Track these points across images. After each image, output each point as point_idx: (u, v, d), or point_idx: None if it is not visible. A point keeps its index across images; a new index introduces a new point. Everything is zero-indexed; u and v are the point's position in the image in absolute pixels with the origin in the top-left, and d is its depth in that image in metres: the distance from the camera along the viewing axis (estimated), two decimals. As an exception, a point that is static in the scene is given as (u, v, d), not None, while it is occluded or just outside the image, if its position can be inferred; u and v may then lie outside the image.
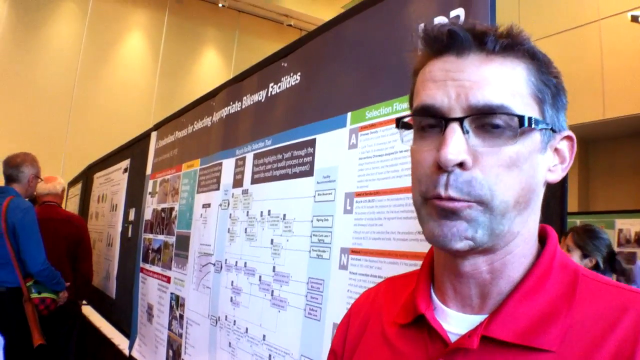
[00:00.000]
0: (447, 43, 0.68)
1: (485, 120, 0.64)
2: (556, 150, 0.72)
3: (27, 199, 3.58)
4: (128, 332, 3.45)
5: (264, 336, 1.77)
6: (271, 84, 1.98)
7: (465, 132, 0.64)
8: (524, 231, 0.69)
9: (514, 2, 7.51)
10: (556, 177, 0.72)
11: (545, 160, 0.69)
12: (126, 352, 3.34)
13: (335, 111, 1.57)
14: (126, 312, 3.56)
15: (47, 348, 3.30)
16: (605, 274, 2.77)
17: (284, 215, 1.76)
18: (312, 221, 1.60)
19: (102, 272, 4.50)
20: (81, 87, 9.29)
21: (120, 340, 3.60)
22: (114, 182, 4.48)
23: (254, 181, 2.00)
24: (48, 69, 9.01)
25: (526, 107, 0.66)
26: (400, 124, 0.74)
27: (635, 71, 6.32)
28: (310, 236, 1.60)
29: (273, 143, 1.90)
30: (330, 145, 1.57)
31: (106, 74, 9.68)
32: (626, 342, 0.60)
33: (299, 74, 1.82)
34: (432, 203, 0.66)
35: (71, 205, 6.88)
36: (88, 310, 4.68)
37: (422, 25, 0.72)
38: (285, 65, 1.91)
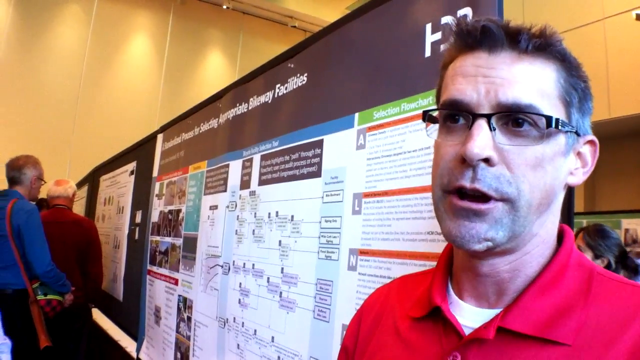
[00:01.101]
0: (480, 39, 0.68)
1: (513, 118, 0.65)
2: (579, 154, 0.72)
3: (31, 202, 3.59)
4: (135, 334, 3.46)
5: (273, 338, 1.77)
6: (278, 85, 1.98)
7: (492, 129, 0.64)
8: (542, 232, 0.69)
9: (518, 1, 7.50)
10: (577, 180, 0.72)
11: (567, 163, 0.70)
12: (134, 354, 3.35)
13: (342, 112, 1.57)
14: (133, 315, 3.56)
15: (53, 350, 3.31)
16: (617, 272, 2.76)
17: (292, 216, 1.76)
18: (320, 222, 1.60)
19: (109, 275, 4.50)
20: (86, 89, 9.32)
21: (127, 343, 3.61)
22: (121, 184, 4.49)
23: (262, 182, 2.00)
24: (53, 72, 9.04)
25: (553, 108, 0.66)
26: (427, 117, 0.74)
27: (640, 70, 6.30)
28: (319, 237, 1.59)
29: (280, 144, 1.90)
30: (338, 146, 1.57)
31: (111, 76, 9.72)
32: None
33: (305, 74, 1.82)
34: (451, 200, 0.66)
35: (77, 207, 6.89)
36: (95, 313, 4.69)
37: (455, 17, 0.72)
38: (292, 66, 1.92)
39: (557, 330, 0.64)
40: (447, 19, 1.24)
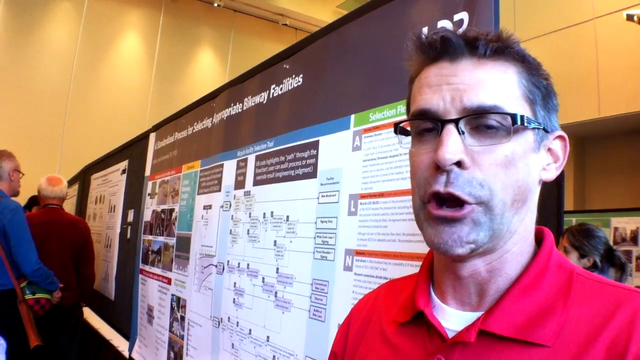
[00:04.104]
0: (440, 49, 0.71)
1: (480, 120, 0.67)
2: (549, 150, 0.74)
3: (14, 197, 3.54)
4: (128, 333, 3.45)
5: (268, 337, 1.77)
6: (273, 86, 1.99)
7: (460, 132, 0.67)
8: (520, 229, 0.71)
9: (510, 1, 7.53)
10: (550, 175, 0.74)
11: (539, 160, 0.72)
12: (126, 353, 3.34)
13: (338, 113, 1.58)
14: (126, 314, 3.55)
15: (44, 349, 3.30)
16: (604, 270, 2.78)
17: (287, 216, 1.77)
18: (316, 223, 1.61)
19: (101, 274, 4.49)
20: (77, 87, 9.25)
21: (119, 342, 3.60)
22: (112, 183, 4.47)
23: (256, 183, 2.00)
24: (44, 69, 8.97)
25: (518, 107, 0.68)
26: (398, 129, 0.77)
27: (630, 70, 6.34)
28: (314, 238, 1.60)
29: (275, 145, 1.91)
30: (334, 147, 1.58)
31: (102, 74, 9.65)
32: (620, 336, 0.61)
33: (301, 75, 1.83)
34: (429, 210, 0.69)
35: (68, 206, 6.85)
36: (87, 312, 4.67)
37: (414, 34, 0.75)
38: (287, 67, 1.92)
39: (537, 332, 0.65)
40: (443, 23, 1.25)
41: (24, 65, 8.80)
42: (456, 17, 1.23)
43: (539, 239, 0.76)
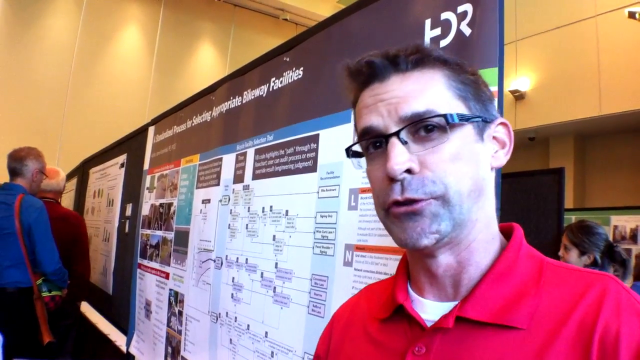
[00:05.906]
0: (368, 73, 0.76)
1: (418, 127, 0.72)
2: (495, 138, 0.79)
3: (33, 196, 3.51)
4: (125, 328, 3.43)
5: (266, 333, 1.76)
6: (273, 79, 1.97)
7: (403, 142, 0.72)
8: (481, 217, 0.75)
9: (511, -3, 7.52)
10: (500, 162, 0.78)
11: (485, 149, 0.76)
12: (124, 348, 3.33)
13: (339, 106, 1.56)
14: (123, 309, 3.53)
15: (55, 345, 3.27)
16: (605, 267, 2.76)
17: (287, 211, 1.75)
18: (315, 217, 1.59)
19: (99, 268, 4.46)
20: (76, 81, 9.24)
21: (117, 337, 3.58)
22: (111, 177, 4.45)
23: (256, 177, 1.98)
24: (43, 63, 8.95)
25: (452, 106, 0.73)
26: (350, 153, 0.82)
27: (631, 67, 6.33)
28: (314, 232, 1.58)
29: (275, 138, 1.89)
30: (335, 141, 1.56)
31: (101, 68, 9.63)
32: (589, 313, 0.65)
33: (301, 68, 1.80)
34: (392, 212, 0.73)
35: (66, 200, 6.84)
36: (85, 307, 4.65)
37: (343, 65, 0.81)
38: (287, 60, 1.90)
39: (512, 316, 0.69)
40: (447, 15, 1.23)
41: (24, 58, 8.78)
42: (460, 9, 1.21)
43: (509, 234, 0.79)
